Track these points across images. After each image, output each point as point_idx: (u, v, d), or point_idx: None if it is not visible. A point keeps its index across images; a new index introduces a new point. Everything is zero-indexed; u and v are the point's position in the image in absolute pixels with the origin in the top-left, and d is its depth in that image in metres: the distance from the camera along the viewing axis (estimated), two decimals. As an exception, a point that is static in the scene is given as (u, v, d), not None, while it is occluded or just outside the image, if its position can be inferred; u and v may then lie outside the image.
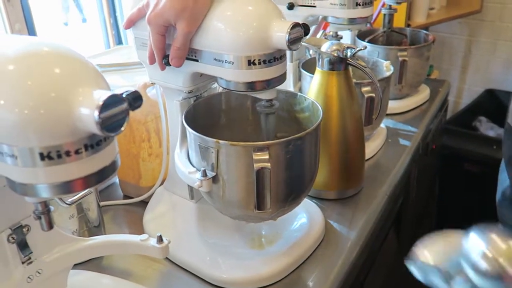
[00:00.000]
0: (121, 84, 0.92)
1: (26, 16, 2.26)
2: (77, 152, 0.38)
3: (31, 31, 1.74)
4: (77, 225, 0.69)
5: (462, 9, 1.92)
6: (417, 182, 1.18)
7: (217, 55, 0.60)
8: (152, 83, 0.72)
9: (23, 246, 0.52)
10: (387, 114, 1.16)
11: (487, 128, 1.94)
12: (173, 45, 0.59)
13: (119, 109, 0.37)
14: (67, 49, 0.40)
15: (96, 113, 0.36)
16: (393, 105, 1.21)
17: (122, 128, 0.38)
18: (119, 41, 2.87)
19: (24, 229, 0.52)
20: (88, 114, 0.36)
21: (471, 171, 1.65)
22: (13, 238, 0.51)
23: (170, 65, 0.61)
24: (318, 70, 0.82)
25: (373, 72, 0.86)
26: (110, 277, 0.63)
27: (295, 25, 0.57)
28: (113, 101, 0.37)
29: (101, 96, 0.36)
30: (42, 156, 0.37)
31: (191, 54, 0.63)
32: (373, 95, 0.88)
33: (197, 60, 0.63)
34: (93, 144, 0.39)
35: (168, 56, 0.61)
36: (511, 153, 0.71)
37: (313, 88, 0.83)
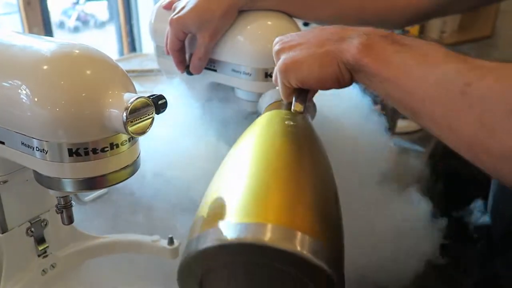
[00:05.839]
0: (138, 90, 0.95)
1: (45, 19, 2.31)
2: (103, 150, 0.40)
3: (49, 35, 1.77)
4: (89, 224, 0.70)
5: (473, 34, 1.95)
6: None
7: (235, 66, 0.63)
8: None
9: (40, 239, 0.54)
10: (395, 133, 1.17)
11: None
12: (195, 55, 0.62)
13: (146, 112, 0.39)
14: (99, 52, 0.43)
15: (125, 114, 0.38)
16: (402, 124, 1.23)
17: (148, 130, 0.40)
18: (133, 49, 2.91)
19: (42, 223, 0.54)
20: (117, 115, 0.38)
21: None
22: (31, 231, 0.53)
23: (191, 74, 0.64)
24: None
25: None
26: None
27: (312, 41, 0.60)
28: (140, 103, 0.39)
29: (130, 98, 0.38)
30: (70, 152, 0.39)
31: (210, 64, 0.65)
32: (383, 112, 0.90)
33: (215, 70, 0.65)
34: (118, 143, 0.41)
35: (188, 66, 0.64)
36: None
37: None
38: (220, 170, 0.43)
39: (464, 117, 0.32)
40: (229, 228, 0.34)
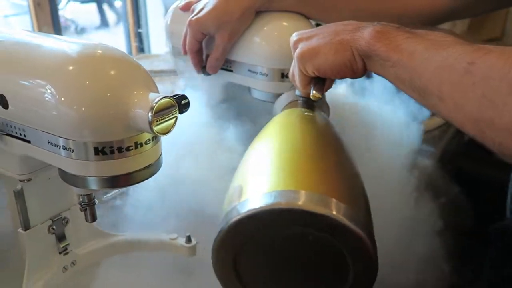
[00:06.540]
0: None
1: (54, 19, 2.33)
2: (127, 149, 0.41)
3: (58, 34, 1.77)
4: (106, 223, 0.71)
5: (483, 36, 1.94)
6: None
7: (252, 67, 0.63)
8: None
9: (61, 237, 0.55)
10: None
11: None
12: (212, 55, 0.62)
13: (170, 111, 0.40)
14: (122, 53, 0.43)
15: (150, 114, 0.38)
16: (412, 125, 1.23)
17: (172, 129, 0.41)
18: (141, 50, 2.92)
19: (63, 221, 0.55)
20: (142, 115, 0.39)
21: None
22: (53, 229, 0.54)
23: (208, 74, 0.64)
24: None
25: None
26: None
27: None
28: (165, 103, 0.40)
29: (155, 98, 0.39)
30: (96, 151, 0.40)
31: (226, 65, 0.66)
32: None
33: (231, 71, 0.66)
34: (142, 142, 0.42)
35: (205, 66, 0.65)
36: None
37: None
38: (247, 155, 0.44)
39: (469, 94, 0.34)
40: (263, 197, 0.35)
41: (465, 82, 0.34)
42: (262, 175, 0.39)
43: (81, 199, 0.47)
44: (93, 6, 4.24)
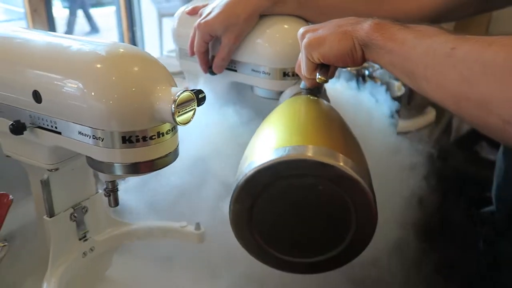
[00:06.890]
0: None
1: (50, 25, 2.35)
2: (150, 138, 0.46)
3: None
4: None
5: (468, 38, 2.00)
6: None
7: (255, 67, 0.68)
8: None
9: (81, 224, 0.59)
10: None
11: (488, 153, 2.01)
12: (218, 55, 0.67)
13: (189, 104, 0.45)
14: (144, 52, 0.48)
15: (173, 106, 0.43)
16: (403, 124, 1.29)
17: (191, 120, 0.45)
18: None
19: (83, 210, 0.59)
20: (166, 107, 0.43)
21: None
22: (74, 217, 0.58)
23: (214, 73, 0.69)
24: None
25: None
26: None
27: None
28: (185, 97, 0.44)
29: (177, 92, 0.44)
30: (123, 140, 0.45)
31: (231, 65, 0.70)
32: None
33: (236, 71, 0.71)
34: (163, 132, 0.46)
35: (211, 66, 0.69)
36: None
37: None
38: (255, 134, 0.50)
39: (450, 75, 0.40)
40: (276, 151, 0.40)
41: (446, 65, 0.40)
42: (272, 138, 0.44)
43: (105, 185, 0.51)
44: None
